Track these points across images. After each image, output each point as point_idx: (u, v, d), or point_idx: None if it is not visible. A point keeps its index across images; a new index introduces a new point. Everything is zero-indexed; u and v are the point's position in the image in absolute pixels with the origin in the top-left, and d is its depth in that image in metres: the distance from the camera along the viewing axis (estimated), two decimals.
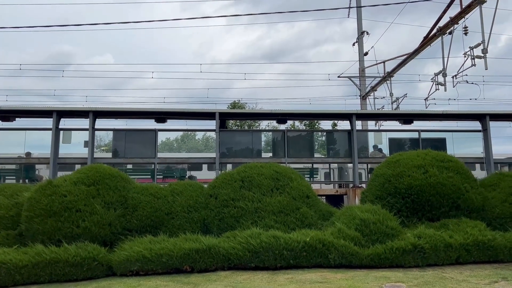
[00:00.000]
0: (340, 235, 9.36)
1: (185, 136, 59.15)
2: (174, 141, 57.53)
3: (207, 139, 58.83)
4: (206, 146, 59.00)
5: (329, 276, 8.18)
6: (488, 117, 14.72)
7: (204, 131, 15.58)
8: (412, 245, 9.13)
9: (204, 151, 48.47)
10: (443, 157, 11.31)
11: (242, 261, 9.07)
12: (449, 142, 15.53)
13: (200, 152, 37.15)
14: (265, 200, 10.59)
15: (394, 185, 10.95)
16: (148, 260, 8.76)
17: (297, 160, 14.58)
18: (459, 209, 10.58)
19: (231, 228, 10.16)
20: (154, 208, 10.34)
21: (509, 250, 9.42)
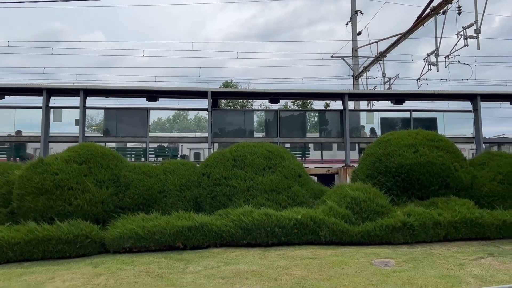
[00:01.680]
0: (331, 213, 9.49)
1: (177, 116, 58.91)
2: (166, 121, 57.21)
3: (199, 119, 58.69)
4: (199, 126, 58.87)
5: (319, 252, 8.33)
6: (479, 97, 14.82)
7: (196, 110, 15.50)
8: (401, 222, 9.30)
9: (196, 131, 48.39)
10: (433, 136, 11.42)
11: (234, 238, 9.19)
12: (440, 122, 15.65)
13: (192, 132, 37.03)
14: (257, 178, 10.66)
15: (385, 164, 11.06)
16: (141, 237, 8.83)
17: (289, 140, 14.62)
18: (448, 187, 10.75)
19: (224, 206, 10.25)
20: (147, 187, 10.37)
21: (496, 227, 9.63)
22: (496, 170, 11.13)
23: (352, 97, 16.14)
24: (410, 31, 23.28)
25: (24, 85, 14.43)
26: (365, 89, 24.30)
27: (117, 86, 14.65)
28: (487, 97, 15.58)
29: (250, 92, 14.74)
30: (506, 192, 10.75)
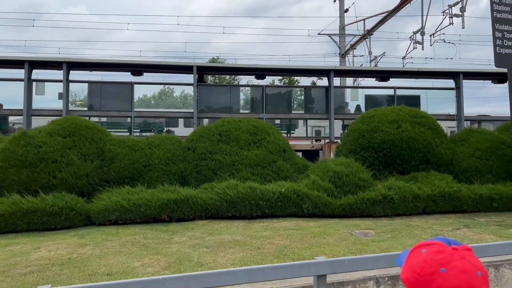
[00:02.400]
0: (314, 187, 9.69)
1: (162, 93, 58.21)
2: (152, 98, 56.48)
3: (185, 96, 58.07)
4: (184, 103, 58.24)
5: (302, 224, 8.54)
6: (461, 75, 15.02)
7: (182, 85, 15.30)
8: (382, 196, 9.55)
9: (182, 108, 47.99)
10: (416, 113, 11.62)
11: (219, 211, 9.34)
12: (423, 100, 15.86)
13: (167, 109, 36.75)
14: (243, 153, 10.76)
15: (368, 139, 11.25)
16: (126, 210, 8.92)
17: (275, 116, 14.68)
18: (429, 163, 11.02)
19: (209, 180, 10.36)
20: (132, 160, 10.39)
21: (473, 201, 9.96)
22: (475, 146, 11.42)
23: (337, 74, 16.18)
24: (396, 9, 23.25)
25: (4, 57, 14.10)
26: (350, 66, 24.34)
27: (101, 59, 14.42)
28: (470, 75, 15.80)
29: (236, 67, 14.66)
30: (484, 167, 11.07)
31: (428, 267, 1.05)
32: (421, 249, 1.11)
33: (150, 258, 6.26)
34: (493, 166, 11.08)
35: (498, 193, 10.08)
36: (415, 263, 1.09)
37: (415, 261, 1.09)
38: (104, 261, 6.13)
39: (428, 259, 1.07)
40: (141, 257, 6.33)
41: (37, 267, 5.86)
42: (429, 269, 1.05)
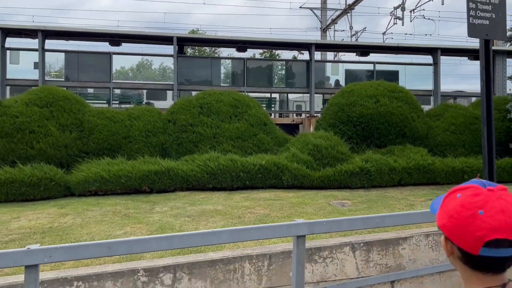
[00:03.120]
0: (293, 159, 9.87)
1: (140, 66, 57.02)
2: (129, 70, 55.23)
3: (164, 69, 57.01)
4: (163, 76, 57.24)
5: (282, 195, 8.74)
6: (439, 51, 15.27)
7: (162, 56, 15.00)
8: (359, 168, 9.82)
9: (161, 81, 47.20)
10: (394, 87, 11.83)
11: (200, 182, 9.44)
12: (401, 75, 16.09)
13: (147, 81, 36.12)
14: (224, 126, 10.80)
15: (347, 113, 11.43)
16: (107, 181, 8.92)
17: (256, 90, 14.68)
18: (405, 136, 11.31)
19: (190, 153, 10.40)
20: (111, 132, 10.31)
21: (446, 173, 10.34)
22: (450, 121, 11.75)
23: (319, 48, 16.20)
24: None
25: None
26: (331, 40, 24.35)
27: (78, 28, 13.97)
28: (447, 51, 16.06)
29: (218, 39, 14.49)
30: (458, 141, 11.44)
31: (465, 210, 1.06)
32: (456, 194, 1.12)
33: (132, 226, 6.34)
34: (466, 140, 11.46)
35: (469, 166, 10.48)
36: (451, 208, 1.09)
37: (451, 206, 1.10)
38: (86, 229, 6.19)
39: (465, 202, 1.07)
40: (123, 226, 6.41)
41: (18, 235, 5.88)
42: (466, 212, 1.06)
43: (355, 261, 5.41)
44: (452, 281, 5.92)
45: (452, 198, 1.12)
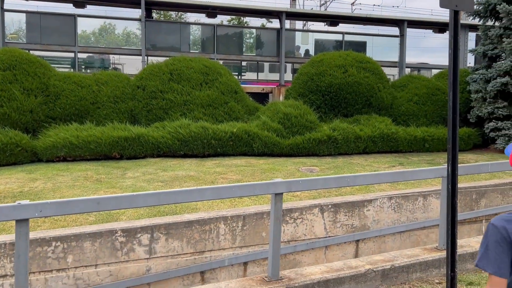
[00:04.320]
0: (264, 127, 10.05)
1: (103, 30, 54.74)
2: (91, 35, 53.00)
3: (128, 34, 54.98)
4: (127, 41, 55.25)
5: (253, 161, 8.95)
6: (406, 23, 15.63)
7: (130, 19, 14.43)
8: (327, 136, 10.14)
9: (125, 47, 45.59)
10: (362, 58, 12.09)
11: (171, 149, 9.49)
12: (369, 46, 16.39)
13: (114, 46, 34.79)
14: (194, 93, 10.77)
15: (316, 83, 11.64)
16: (76, 147, 8.81)
17: (226, 57, 14.58)
18: (371, 106, 11.70)
19: (160, 120, 10.35)
20: (78, 97, 10.08)
21: (408, 142, 10.85)
22: (414, 92, 12.22)
23: (289, 17, 16.17)
24: None
25: None
26: (302, 9, 24.25)
27: None
28: (414, 23, 16.45)
29: (187, 4, 14.11)
30: (420, 111, 11.95)
31: None
32: None
33: (105, 191, 6.38)
34: (428, 110, 11.99)
35: (430, 135, 11.03)
36: None
37: None
38: (58, 193, 6.18)
39: None
40: (95, 190, 6.43)
41: None
42: None
43: (323, 222, 5.73)
44: (411, 240, 6.39)
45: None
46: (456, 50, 2.39)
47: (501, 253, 1.50)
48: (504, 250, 1.50)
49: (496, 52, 11.40)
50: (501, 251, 1.50)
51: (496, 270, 1.50)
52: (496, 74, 10.92)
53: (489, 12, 11.50)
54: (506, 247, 1.50)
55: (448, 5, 2.26)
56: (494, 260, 1.51)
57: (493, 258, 1.51)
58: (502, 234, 1.51)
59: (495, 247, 1.52)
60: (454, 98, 2.43)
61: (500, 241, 1.51)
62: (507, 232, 1.51)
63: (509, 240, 1.49)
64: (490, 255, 1.53)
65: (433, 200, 6.48)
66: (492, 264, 1.52)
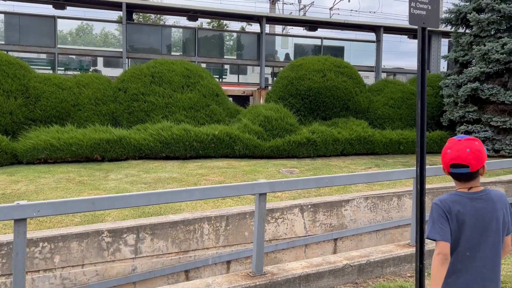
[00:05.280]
0: (245, 130, 10.25)
1: (80, 30, 53.89)
2: (68, 35, 52.13)
3: (106, 34, 54.28)
4: (105, 42, 54.53)
5: (234, 163, 9.13)
6: (382, 29, 16.10)
7: (110, 22, 14.33)
8: (306, 139, 10.42)
9: (102, 47, 45.06)
10: (340, 63, 12.44)
11: (153, 151, 9.58)
12: (347, 51, 16.81)
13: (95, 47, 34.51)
14: (176, 96, 10.88)
15: (295, 87, 11.92)
16: (57, 149, 8.81)
17: (208, 60, 14.72)
18: (349, 110, 12.05)
19: (141, 122, 10.42)
20: (59, 99, 10.07)
21: (384, 144, 11.23)
22: (389, 96, 12.64)
23: (270, 21, 16.44)
24: None
25: None
26: (282, 14, 24.61)
27: None
28: (390, 29, 16.95)
29: (169, 7, 14.21)
30: (395, 115, 12.38)
31: (444, 150, 2.06)
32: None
33: (89, 193, 6.45)
34: (403, 114, 12.42)
35: (405, 137, 11.45)
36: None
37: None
38: (42, 195, 6.22)
39: (445, 147, 2.07)
40: (79, 192, 6.50)
41: None
42: (444, 151, 2.06)
43: (303, 221, 5.97)
44: (386, 238, 6.70)
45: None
46: (424, 62, 2.65)
47: (444, 222, 1.98)
48: (446, 221, 1.99)
49: (467, 59, 11.92)
50: (443, 221, 1.99)
51: (442, 236, 1.96)
52: (467, 80, 11.43)
53: (460, 20, 12.02)
54: (446, 218, 1.99)
55: (417, 23, 2.51)
56: (440, 229, 1.98)
57: (439, 228, 1.98)
58: (443, 209, 2.00)
59: (438, 219, 1.99)
60: (422, 105, 2.69)
61: (442, 214, 2.00)
62: (448, 205, 2.00)
63: (448, 211, 2.00)
64: (436, 226, 1.98)
65: (406, 200, 6.81)
66: (438, 232, 1.97)
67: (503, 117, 10.85)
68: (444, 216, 1.99)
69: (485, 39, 11.32)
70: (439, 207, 2.01)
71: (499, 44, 10.76)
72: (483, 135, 11.01)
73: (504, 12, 10.79)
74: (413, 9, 2.55)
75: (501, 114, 10.96)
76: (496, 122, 10.84)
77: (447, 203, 2.02)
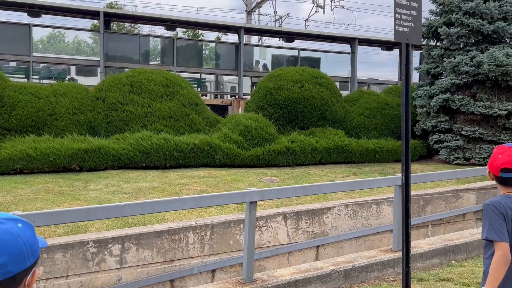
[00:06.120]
0: (225, 139, 10.32)
1: (51, 37, 52.86)
2: (39, 42, 51.03)
3: (79, 42, 53.39)
4: (78, 50, 53.68)
5: (215, 172, 9.17)
6: (357, 41, 16.56)
7: (87, 30, 14.13)
8: (286, 148, 10.58)
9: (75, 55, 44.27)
10: (317, 73, 12.73)
11: (133, 161, 9.51)
12: (323, 62, 17.18)
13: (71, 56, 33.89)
14: (155, 105, 10.86)
15: (274, 97, 12.10)
16: (34, 159, 8.64)
17: (186, 70, 14.74)
18: (326, 119, 12.31)
19: (120, 131, 10.34)
20: (36, 108, 9.88)
21: (360, 153, 11.52)
22: (365, 106, 12.99)
23: (248, 32, 16.63)
24: None
25: None
26: (260, 25, 24.93)
27: None
28: (364, 41, 17.45)
29: (147, 16, 14.18)
30: (371, 124, 12.72)
31: (494, 155, 2.19)
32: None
33: (70, 203, 6.36)
34: (378, 123, 12.78)
35: (380, 146, 11.77)
36: (491, 156, 2.23)
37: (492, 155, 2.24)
38: (21, 206, 6.10)
39: (494, 152, 2.21)
40: (60, 202, 6.40)
41: None
42: (495, 156, 2.18)
43: (286, 229, 6.07)
44: (366, 245, 6.87)
45: (493, 151, 2.25)
46: (408, 75, 2.82)
47: (502, 223, 1.99)
48: (503, 222, 1.99)
49: (438, 71, 12.42)
50: (501, 222, 1.99)
51: (502, 237, 1.96)
52: (439, 91, 11.89)
53: (432, 34, 12.53)
54: (504, 219, 1.99)
55: (401, 40, 2.68)
56: (498, 230, 1.97)
57: (497, 228, 1.97)
58: (500, 210, 2.01)
59: (496, 220, 1.99)
60: (407, 117, 2.86)
61: (500, 215, 2.00)
62: (504, 207, 2.02)
63: (504, 213, 2.01)
64: (494, 227, 1.97)
65: (385, 207, 7.02)
66: (497, 233, 1.96)
67: (473, 126, 11.33)
68: (502, 218, 1.99)
69: (455, 52, 11.83)
70: (496, 208, 2.01)
71: (468, 57, 11.28)
72: (454, 144, 11.46)
73: (473, 26, 11.33)
74: (398, 26, 2.72)
75: (471, 124, 11.44)
76: (467, 132, 11.30)
77: (502, 205, 2.02)
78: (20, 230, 1.08)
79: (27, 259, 1.06)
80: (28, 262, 1.07)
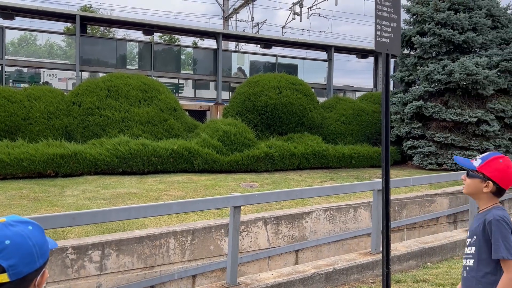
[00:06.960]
0: (204, 144, 10.32)
1: (23, 40, 51.59)
2: (10, 44, 49.58)
3: (51, 45, 52.31)
4: (50, 53, 52.58)
5: (194, 178, 9.15)
6: (333, 49, 16.89)
7: (62, 34, 13.84)
8: (264, 153, 10.66)
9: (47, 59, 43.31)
10: (295, 80, 12.90)
11: (110, 167, 9.38)
12: (300, 68, 17.44)
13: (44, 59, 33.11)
14: (133, 110, 10.77)
15: (253, 102, 12.19)
16: (7, 164, 8.41)
17: (164, 74, 14.67)
18: (304, 125, 12.47)
19: (97, 136, 10.19)
20: (9, 113, 9.64)
21: (337, 158, 11.72)
22: (341, 113, 13.23)
23: (226, 38, 16.72)
24: None
25: None
26: (238, 31, 25.06)
27: None
28: (340, 49, 17.81)
29: (124, 20, 14.05)
30: (347, 130, 12.97)
31: (504, 167, 2.01)
32: (499, 160, 2.04)
33: (46, 209, 6.24)
34: (354, 130, 13.04)
35: (356, 152, 12.01)
36: (501, 167, 2.03)
37: (501, 166, 2.03)
38: None
39: (504, 165, 2.03)
40: (36, 209, 6.26)
41: None
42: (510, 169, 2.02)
43: (266, 234, 6.13)
44: (344, 248, 7.00)
45: (498, 162, 2.04)
46: (388, 84, 2.94)
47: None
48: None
49: (411, 78, 12.79)
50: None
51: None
52: (412, 98, 12.25)
53: (406, 43, 12.91)
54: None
55: (382, 50, 2.80)
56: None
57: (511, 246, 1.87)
58: (510, 225, 1.94)
59: (509, 237, 1.90)
60: (387, 123, 2.97)
61: (510, 231, 1.93)
62: (511, 223, 1.95)
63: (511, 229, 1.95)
64: (507, 245, 1.88)
65: (362, 212, 7.18)
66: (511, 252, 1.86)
67: (445, 133, 11.71)
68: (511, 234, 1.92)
69: (427, 60, 12.23)
70: (507, 225, 1.93)
71: (440, 65, 11.68)
72: (427, 150, 11.81)
73: (444, 36, 11.75)
74: (378, 37, 2.84)
75: (443, 130, 11.82)
76: (439, 138, 11.67)
77: (508, 219, 1.94)
78: (30, 232, 1.11)
79: (37, 260, 1.09)
80: (38, 263, 1.09)
